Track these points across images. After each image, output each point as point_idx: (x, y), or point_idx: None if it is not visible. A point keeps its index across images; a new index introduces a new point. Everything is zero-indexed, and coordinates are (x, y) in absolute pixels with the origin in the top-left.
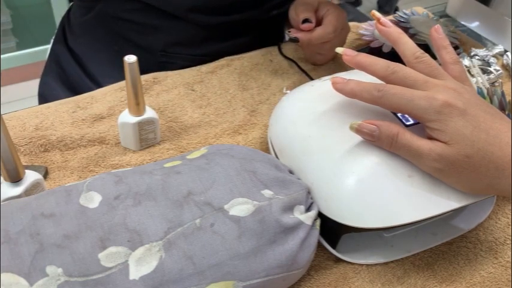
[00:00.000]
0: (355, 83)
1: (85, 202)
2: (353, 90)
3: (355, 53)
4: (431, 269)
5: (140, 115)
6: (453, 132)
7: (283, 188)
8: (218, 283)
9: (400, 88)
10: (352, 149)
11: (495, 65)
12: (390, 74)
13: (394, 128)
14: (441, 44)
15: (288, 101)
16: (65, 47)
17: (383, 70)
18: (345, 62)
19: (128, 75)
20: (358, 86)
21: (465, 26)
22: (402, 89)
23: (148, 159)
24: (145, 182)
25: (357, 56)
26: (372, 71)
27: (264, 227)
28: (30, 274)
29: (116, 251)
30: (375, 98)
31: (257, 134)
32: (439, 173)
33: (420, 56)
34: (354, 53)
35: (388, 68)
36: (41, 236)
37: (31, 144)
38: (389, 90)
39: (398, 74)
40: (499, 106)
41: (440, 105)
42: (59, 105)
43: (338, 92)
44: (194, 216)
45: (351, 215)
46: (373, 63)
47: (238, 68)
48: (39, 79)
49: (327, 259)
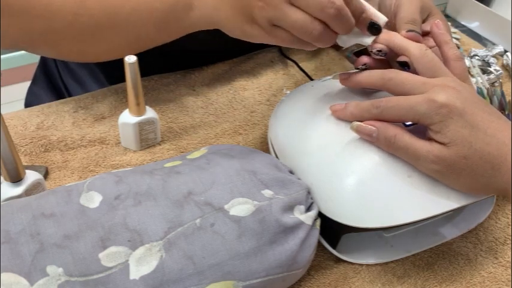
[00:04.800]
0: (353, 106)
1: (85, 202)
2: (353, 113)
3: (349, 74)
4: (432, 269)
5: (140, 115)
6: (453, 134)
7: (283, 188)
8: (218, 283)
9: (395, 99)
10: (352, 149)
11: (495, 65)
12: (387, 82)
13: (393, 130)
14: (443, 39)
15: (288, 101)
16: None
17: (379, 80)
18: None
19: (128, 76)
20: (356, 108)
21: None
22: (398, 99)
23: (148, 160)
24: (145, 182)
25: (351, 76)
26: (369, 84)
27: (264, 227)
28: (30, 274)
29: (116, 250)
30: (375, 115)
31: (257, 134)
32: (437, 174)
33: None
34: (348, 74)
35: (384, 76)
36: (41, 236)
37: (32, 144)
38: (386, 104)
39: (396, 79)
40: (499, 106)
41: (439, 107)
42: (59, 104)
43: (339, 119)
44: (194, 216)
45: (351, 215)
46: (368, 76)
47: (239, 68)
48: None
49: (327, 259)
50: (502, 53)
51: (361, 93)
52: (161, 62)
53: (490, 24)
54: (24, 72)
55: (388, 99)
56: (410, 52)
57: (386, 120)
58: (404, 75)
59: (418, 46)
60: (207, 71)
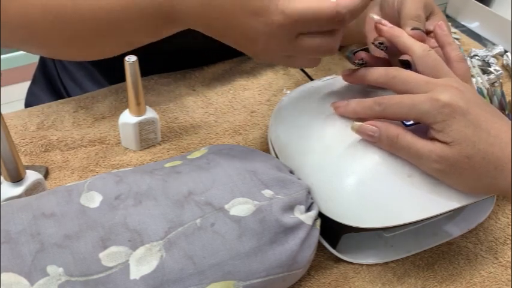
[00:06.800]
0: (355, 103)
1: (86, 202)
2: (355, 110)
3: (352, 71)
4: (432, 269)
5: (141, 115)
6: (456, 134)
7: (283, 188)
8: (219, 283)
9: (398, 97)
10: (352, 149)
11: (495, 65)
12: (391, 79)
13: (394, 130)
14: (446, 40)
15: (288, 102)
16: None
17: (383, 77)
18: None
19: (128, 76)
20: (358, 105)
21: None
22: (401, 97)
23: (148, 159)
24: (145, 182)
25: (354, 72)
26: (372, 81)
27: (264, 226)
28: (31, 274)
29: (117, 250)
30: (377, 113)
31: (257, 134)
32: (439, 173)
33: (428, 50)
34: (351, 71)
35: (387, 74)
36: (41, 236)
37: (32, 144)
38: (389, 101)
39: (399, 77)
40: (499, 106)
41: (442, 106)
42: (60, 104)
43: (341, 115)
44: (195, 216)
45: (351, 215)
46: (371, 73)
47: (239, 68)
48: None
49: (327, 259)
50: (502, 53)
51: (362, 93)
52: (161, 62)
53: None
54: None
55: (391, 97)
56: (414, 51)
57: (388, 118)
58: (407, 73)
59: (422, 46)
60: (207, 71)
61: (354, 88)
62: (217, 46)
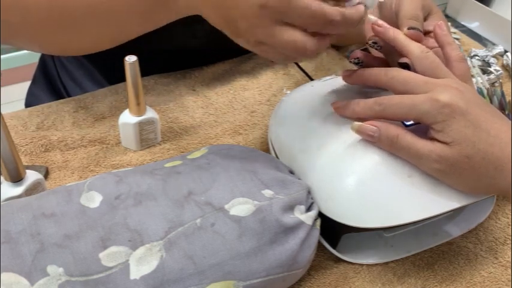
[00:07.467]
0: (355, 103)
1: (86, 202)
2: (355, 110)
3: (352, 71)
4: (432, 269)
5: (141, 115)
6: (456, 134)
7: (283, 188)
8: (219, 283)
9: (398, 97)
10: (353, 149)
11: (495, 65)
12: (390, 80)
13: (394, 130)
14: (446, 40)
15: (288, 102)
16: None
17: (382, 78)
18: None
19: (128, 75)
20: (358, 105)
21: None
22: (401, 97)
23: (148, 160)
24: (146, 182)
25: (353, 73)
26: (371, 81)
27: (264, 226)
28: (31, 274)
29: (117, 250)
30: (377, 113)
31: (257, 134)
32: (439, 173)
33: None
34: (351, 71)
35: (386, 74)
36: (41, 236)
37: (32, 144)
38: (389, 101)
39: (398, 77)
40: (499, 106)
41: (442, 107)
42: (60, 104)
43: (341, 115)
44: (195, 216)
45: (351, 215)
46: (370, 74)
47: (239, 68)
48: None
49: (327, 259)
50: (502, 53)
51: (361, 93)
52: (161, 62)
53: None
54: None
55: (391, 97)
56: (411, 52)
57: (388, 118)
58: (407, 74)
59: (420, 47)
60: (207, 71)
61: (353, 88)
62: (217, 46)
